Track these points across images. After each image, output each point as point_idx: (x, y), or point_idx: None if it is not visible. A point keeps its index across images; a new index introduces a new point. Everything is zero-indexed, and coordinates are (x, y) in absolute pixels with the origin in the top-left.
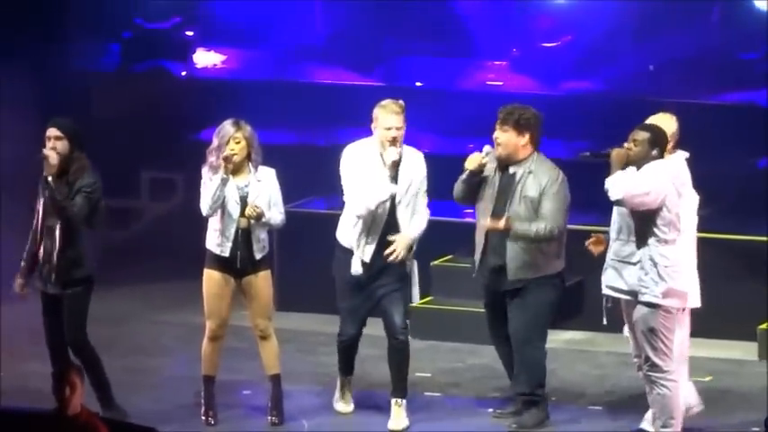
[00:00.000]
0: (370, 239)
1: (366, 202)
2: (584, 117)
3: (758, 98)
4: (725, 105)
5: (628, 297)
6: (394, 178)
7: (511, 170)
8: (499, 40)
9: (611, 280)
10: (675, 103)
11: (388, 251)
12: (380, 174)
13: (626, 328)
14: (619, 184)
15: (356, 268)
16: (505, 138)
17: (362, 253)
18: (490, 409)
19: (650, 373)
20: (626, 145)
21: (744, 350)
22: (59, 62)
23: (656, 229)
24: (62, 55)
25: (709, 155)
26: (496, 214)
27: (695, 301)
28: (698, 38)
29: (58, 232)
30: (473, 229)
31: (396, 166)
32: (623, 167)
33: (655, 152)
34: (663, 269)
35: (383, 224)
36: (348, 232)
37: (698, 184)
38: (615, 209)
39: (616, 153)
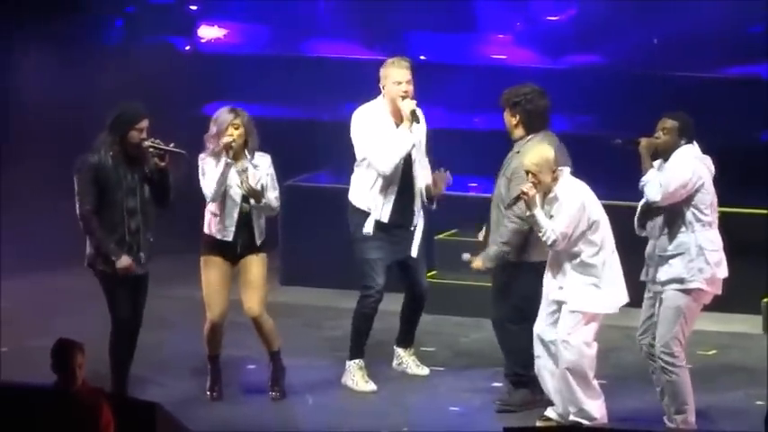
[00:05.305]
0: (387, 199)
1: (390, 157)
2: (588, 91)
3: (762, 71)
4: (728, 79)
5: (675, 286)
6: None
7: (515, 147)
8: (503, 13)
9: (658, 275)
10: (679, 76)
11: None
12: (392, 133)
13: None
14: (654, 185)
15: (368, 229)
16: (504, 117)
17: (380, 213)
18: (494, 384)
19: (662, 357)
20: (656, 134)
21: (748, 323)
22: (63, 36)
23: (699, 214)
24: (66, 29)
25: (713, 128)
26: (496, 190)
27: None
28: (701, 11)
29: (140, 213)
30: (477, 204)
31: (414, 115)
32: (652, 156)
33: (683, 141)
34: (710, 254)
35: (399, 181)
36: (364, 194)
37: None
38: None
39: (646, 142)
